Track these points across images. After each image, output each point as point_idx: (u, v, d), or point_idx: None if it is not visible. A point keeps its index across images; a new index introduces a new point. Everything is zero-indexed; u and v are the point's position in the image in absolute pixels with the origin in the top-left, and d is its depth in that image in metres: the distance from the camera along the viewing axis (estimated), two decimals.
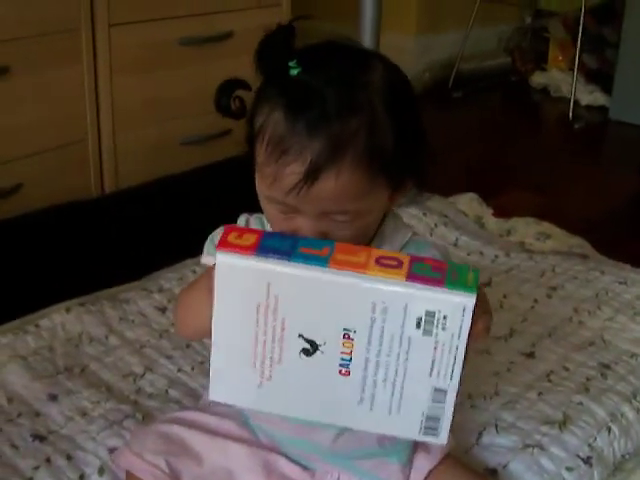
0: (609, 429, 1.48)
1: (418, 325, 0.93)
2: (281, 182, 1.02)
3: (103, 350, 1.66)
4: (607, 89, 3.76)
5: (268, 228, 1.19)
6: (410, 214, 2.17)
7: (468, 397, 1.53)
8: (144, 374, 1.60)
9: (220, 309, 0.97)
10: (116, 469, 1.33)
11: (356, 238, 1.08)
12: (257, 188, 1.10)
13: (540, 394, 1.56)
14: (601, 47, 3.89)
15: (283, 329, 0.96)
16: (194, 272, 1.92)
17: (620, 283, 1.95)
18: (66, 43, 2.08)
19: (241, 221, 1.23)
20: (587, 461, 1.41)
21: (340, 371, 0.97)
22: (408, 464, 1.25)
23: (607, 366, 1.66)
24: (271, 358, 0.98)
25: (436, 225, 2.18)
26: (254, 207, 1.21)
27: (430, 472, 1.24)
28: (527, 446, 1.42)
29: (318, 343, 0.96)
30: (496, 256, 2.10)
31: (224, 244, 0.94)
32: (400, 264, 0.93)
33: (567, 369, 1.64)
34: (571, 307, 1.86)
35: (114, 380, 1.58)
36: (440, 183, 1.78)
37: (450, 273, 0.93)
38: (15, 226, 1.97)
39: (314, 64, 1.05)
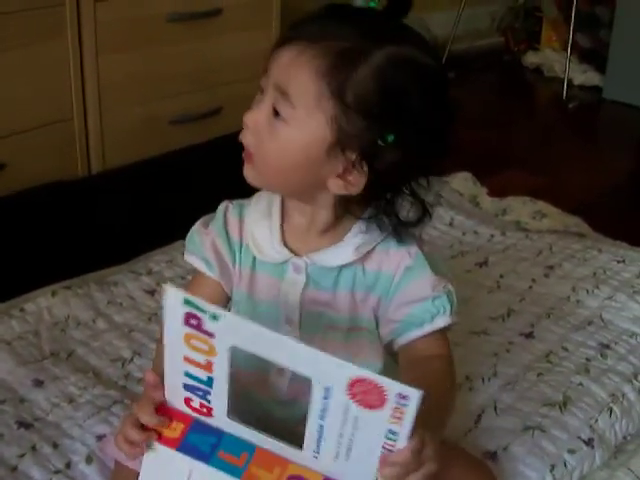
0: (610, 410, 1.46)
1: None
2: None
3: (90, 334, 1.64)
4: (601, 69, 3.75)
5: (247, 215, 1.17)
6: None
7: (466, 379, 1.50)
8: (133, 359, 1.57)
9: None
10: (104, 457, 1.30)
11: (274, 150, 1.06)
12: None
13: (539, 375, 1.54)
14: (594, 26, 3.87)
15: None
16: (183, 254, 1.89)
17: (618, 262, 1.93)
18: (50, 18, 2.03)
19: (221, 208, 1.20)
20: (589, 443, 1.39)
21: None
22: None
23: (607, 346, 1.64)
24: None
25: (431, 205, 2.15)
26: (242, 187, 1.18)
27: None
28: (527, 428, 1.40)
29: None
30: (492, 235, 2.08)
31: None
32: None
33: (566, 349, 1.62)
34: (569, 286, 1.83)
35: (102, 365, 1.55)
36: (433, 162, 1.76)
37: None
38: None
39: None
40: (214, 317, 0.90)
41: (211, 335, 0.91)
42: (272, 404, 1.17)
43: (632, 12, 3.53)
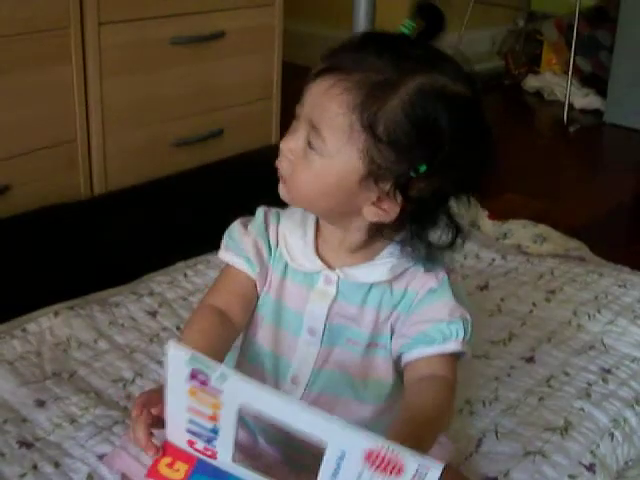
0: (612, 435, 1.46)
1: None
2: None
3: (92, 355, 1.63)
4: (602, 92, 3.75)
5: (282, 223, 1.18)
6: None
7: (466, 403, 1.50)
8: (134, 379, 1.57)
9: None
10: (109, 472, 1.30)
11: (309, 179, 1.07)
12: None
13: (541, 399, 1.54)
14: (595, 50, 3.88)
15: None
16: (185, 275, 1.90)
17: (619, 286, 1.93)
18: (55, 42, 2.04)
19: (260, 212, 1.21)
20: (590, 468, 1.39)
21: None
22: None
23: (608, 371, 1.64)
24: None
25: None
26: (244, 210, 1.19)
27: None
28: (528, 453, 1.39)
29: None
30: (493, 259, 2.08)
31: (154, 474, 0.97)
32: None
33: (567, 374, 1.62)
34: (570, 310, 1.83)
35: (103, 386, 1.55)
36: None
37: None
38: (2, 228, 1.93)
39: (422, 37, 1.09)
40: (222, 377, 0.88)
41: (218, 392, 0.89)
42: None
43: (633, 36, 3.54)
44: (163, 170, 2.29)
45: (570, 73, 3.65)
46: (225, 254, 1.21)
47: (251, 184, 1.99)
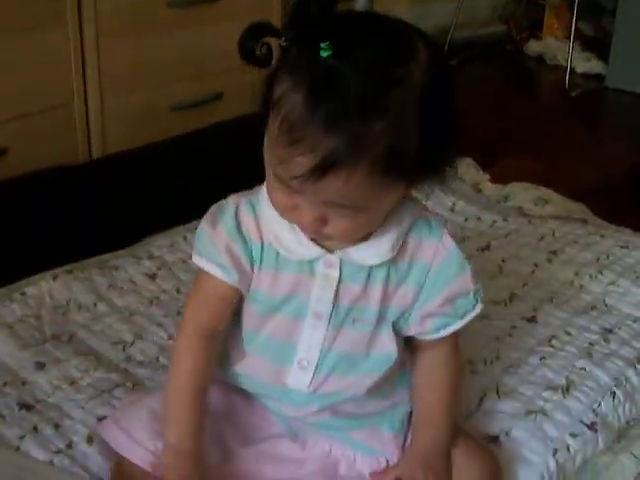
0: (613, 394, 1.46)
1: None
2: (288, 167, 0.96)
3: (91, 318, 1.63)
4: (603, 56, 3.74)
5: (262, 213, 1.11)
6: None
7: (468, 362, 1.50)
8: (134, 342, 1.57)
9: None
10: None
11: (357, 229, 1.04)
12: (264, 150, 1.02)
13: (542, 359, 1.53)
14: (597, 14, 3.86)
15: None
16: (184, 239, 1.89)
17: (621, 247, 1.93)
18: (51, 3, 2.03)
19: (229, 207, 1.12)
20: (591, 427, 1.39)
21: None
22: (401, 433, 1.22)
23: (610, 330, 1.63)
24: None
25: (432, 190, 2.14)
26: (243, 173, 1.16)
27: None
28: (530, 412, 1.40)
29: None
30: (494, 221, 2.07)
31: None
32: None
33: (569, 334, 1.61)
34: (572, 271, 1.83)
35: (103, 348, 1.55)
36: None
37: None
38: (0, 191, 1.92)
39: (348, 50, 0.94)
40: None
41: None
42: (284, 400, 1.17)
43: (635, 0, 3.52)
44: (162, 134, 2.27)
45: (572, 38, 3.66)
46: (199, 260, 1.13)
47: (251, 147, 1.98)
